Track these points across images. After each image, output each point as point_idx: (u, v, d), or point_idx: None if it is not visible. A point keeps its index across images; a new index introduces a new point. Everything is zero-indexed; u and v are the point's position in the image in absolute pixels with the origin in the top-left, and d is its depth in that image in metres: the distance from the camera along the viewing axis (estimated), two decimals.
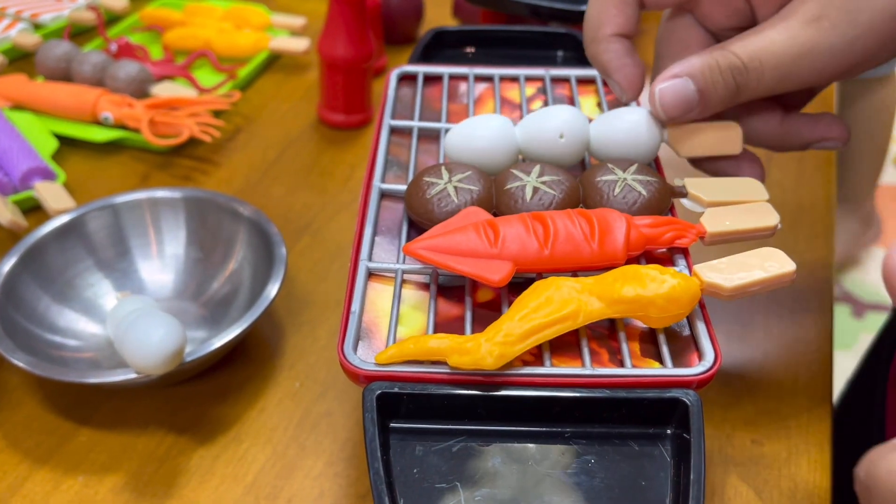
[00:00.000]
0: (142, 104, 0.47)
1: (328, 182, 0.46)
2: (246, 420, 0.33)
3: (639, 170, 0.28)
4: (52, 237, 0.35)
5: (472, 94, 0.35)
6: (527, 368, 0.23)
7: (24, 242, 0.34)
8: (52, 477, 0.31)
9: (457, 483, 0.22)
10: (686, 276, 0.24)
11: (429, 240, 0.26)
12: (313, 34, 0.58)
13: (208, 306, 0.35)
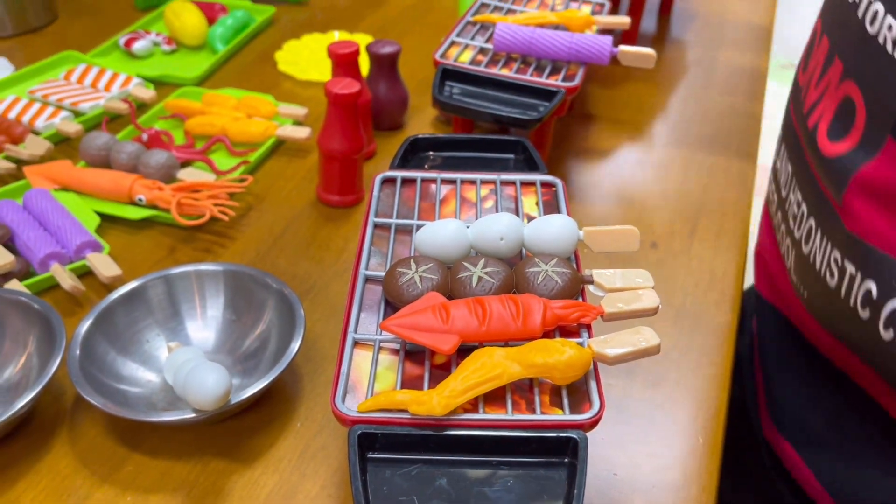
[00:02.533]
0: (170, 188, 0.57)
1: (325, 253, 0.56)
2: (259, 452, 0.42)
3: (558, 263, 0.38)
4: (120, 302, 0.44)
5: (439, 195, 0.45)
6: (466, 415, 0.32)
7: (97, 307, 0.44)
8: (108, 495, 0.40)
9: (414, 497, 0.31)
10: (581, 348, 0.33)
11: (398, 318, 0.35)
12: (313, 121, 0.68)
13: (241, 359, 0.45)
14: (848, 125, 0.38)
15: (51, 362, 0.42)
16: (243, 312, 0.46)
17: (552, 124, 0.60)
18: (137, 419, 0.40)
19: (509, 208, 0.44)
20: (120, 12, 0.88)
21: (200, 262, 0.48)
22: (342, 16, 0.89)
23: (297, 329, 0.43)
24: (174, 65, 0.77)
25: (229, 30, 0.80)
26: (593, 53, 0.57)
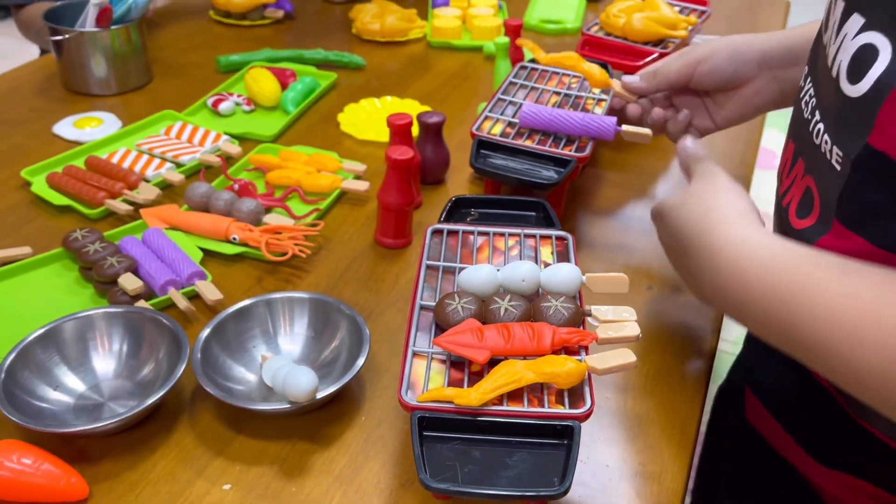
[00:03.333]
0: (258, 230, 0.71)
1: (381, 286, 0.69)
2: (333, 438, 0.55)
3: (565, 300, 0.51)
4: (231, 317, 0.58)
5: (476, 244, 0.58)
6: (494, 406, 0.45)
7: (214, 320, 0.57)
8: (221, 465, 0.53)
9: (456, 463, 0.44)
10: (579, 363, 0.46)
11: (446, 337, 0.48)
12: (371, 176, 0.82)
13: (319, 367, 0.58)
14: (809, 208, 0.50)
15: (179, 364, 0.55)
16: (322, 331, 0.60)
17: (567, 186, 0.73)
18: (246, 407, 0.53)
19: (530, 256, 0.57)
20: (205, 74, 1.04)
21: (287, 291, 0.62)
22: (393, 82, 1.03)
23: (363, 346, 0.56)
24: (253, 123, 0.92)
25: (299, 94, 0.95)
26: (600, 131, 0.71)
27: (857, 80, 0.44)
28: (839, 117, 0.46)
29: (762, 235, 0.47)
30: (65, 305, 0.65)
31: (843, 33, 0.46)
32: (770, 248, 0.46)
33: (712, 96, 0.73)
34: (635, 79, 0.74)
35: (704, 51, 0.70)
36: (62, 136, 0.89)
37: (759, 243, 0.46)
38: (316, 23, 1.22)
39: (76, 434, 0.53)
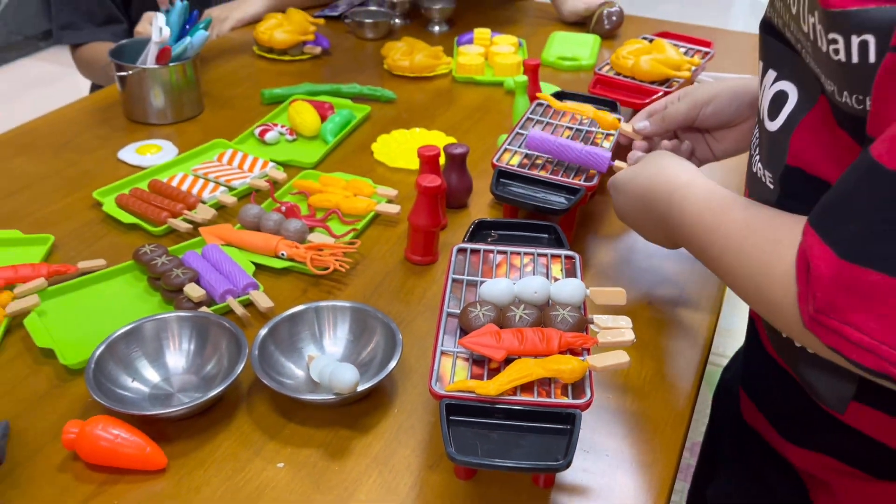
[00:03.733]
0: (303, 247, 0.80)
1: (411, 297, 0.78)
2: (370, 427, 0.64)
3: (571, 310, 0.60)
4: (285, 320, 0.67)
5: (495, 261, 0.67)
6: (509, 396, 0.54)
7: (269, 323, 0.67)
8: (274, 448, 0.62)
9: (477, 443, 0.52)
10: (581, 362, 0.55)
11: (469, 338, 0.57)
12: (402, 200, 0.92)
13: (357, 366, 0.67)
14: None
15: (239, 361, 0.64)
16: (360, 335, 0.69)
17: (577, 211, 0.82)
18: (296, 397, 0.62)
19: (542, 272, 0.66)
20: (250, 106, 1.15)
21: (329, 300, 0.71)
22: (421, 115, 1.13)
23: (396, 349, 0.65)
24: (296, 151, 1.02)
25: (336, 125, 1.05)
26: (596, 162, 0.80)
27: (774, 118, 0.55)
28: (766, 147, 0.57)
29: (702, 179, 0.62)
30: (136, 311, 0.74)
31: (764, 84, 0.58)
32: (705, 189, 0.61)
33: (713, 133, 0.82)
34: (646, 123, 0.81)
35: (707, 94, 0.79)
36: (126, 161, 0.99)
37: (702, 185, 0.62)
38: (350, 59, 1.32)
39: (154, 417, 0.62)
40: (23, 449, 0.62)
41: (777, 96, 0.56)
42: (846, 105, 0.47)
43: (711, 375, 0.80)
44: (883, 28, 0.43)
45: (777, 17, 0.56)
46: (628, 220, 0.73)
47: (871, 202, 0.42)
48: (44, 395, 0.66)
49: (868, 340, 0.42)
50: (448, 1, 1.44)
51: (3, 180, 0.96)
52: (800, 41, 0.52)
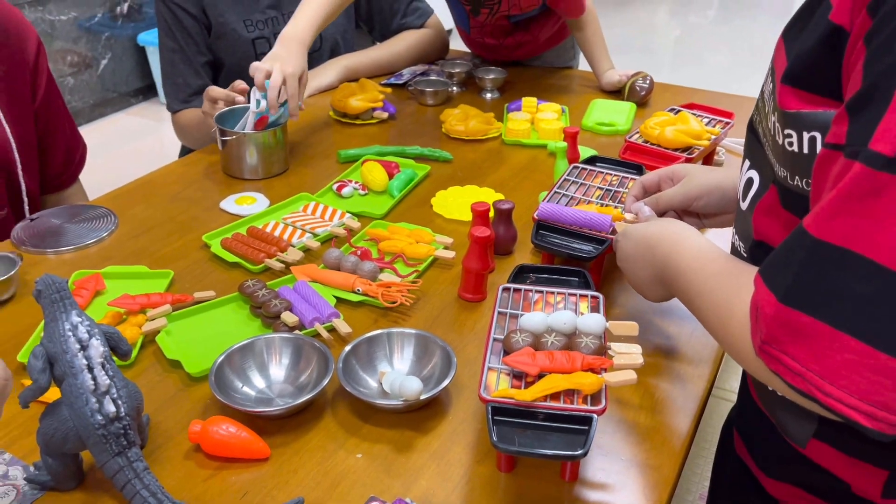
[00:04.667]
0: (375, 284, 0.97)
1: (462, 328, 0.94)
2: (430, 428, 0.79)
3: (593, 338, 0.75)
4: (364, 341, 0.84)
5: (533, 299, 0.83)
6: (540, 402, 0.69)
7: (352, 343, 0.83)
8: (354, 442, 0.78)
9: (515, 437, 0.68)
10: (599, 378, 0.70)
11: (511, 357, 0.73)
12: (456, 247, 1.08)
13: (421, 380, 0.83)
14: None
15: (326, 374, 0.81)
16: (422, 356, 0.85)
17: (604, 259, 0.98)
18: (372, 402, 0.78)
19: (571, 308, 0.82)
20: (328, 164, 1.34)
21: (397, 328, 0.87)
22: (474, 173, 1.30)
23: (451, 367, 0.81)
24: (367, 204, 1.20)
25: (402, 182, 1.23)
26: (599, 226, 0.95)
27: (744, 199, 0.70)
28: (739, 224, 0.72)
29: (701, 237, 0.73)
30: (240, 333, 0.92)
31: (742, 170, 0.72)
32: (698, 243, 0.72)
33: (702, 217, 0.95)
34: (645, 210, 0.93)
35: (699, 189, 0.91)
36: (227, 210, 1.19)
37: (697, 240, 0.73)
38: (413, 123, 1.51)
39: (260, 415, 0.79)
40: (158, 437, 0.79)
41: (747, 182, 0.70)
42: (797, 188, 0.62)
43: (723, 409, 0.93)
44: (826, 127, 0.58)
45: (756, 115, 0.71)
46: (627, 264, 0.85)
47: (801, 260, 0.55)
48: (173, 397, 0.84)
49: (799, 367, 0.54)
50: (500, 72, 1.63)
51: (130, 224, 1.16)
52: (765, 135, 0.67)
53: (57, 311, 0.68)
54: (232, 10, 1.54)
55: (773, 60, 0.66)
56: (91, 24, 2.99)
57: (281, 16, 1.59)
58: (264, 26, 1.57)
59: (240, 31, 1.55)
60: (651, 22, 4.83)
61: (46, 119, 1.28)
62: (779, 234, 0.64)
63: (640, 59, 3.99)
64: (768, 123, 0.65)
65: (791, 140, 0.61)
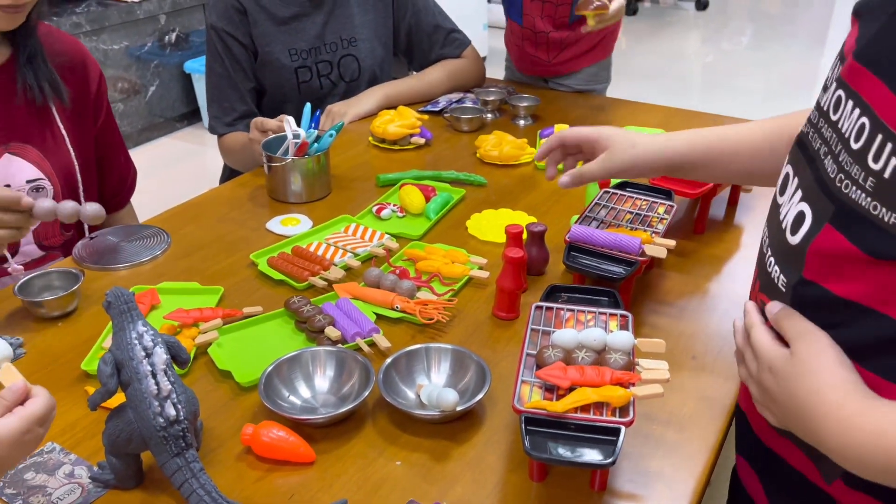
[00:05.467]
0: (413, 302, 1.02)
1: (496, 344, 0.98)
2: (465, 438, 0.83)
3: (622, 354, 0.79)
4: (404, 355, 0.89)
5: (565, 317, 0.87)
6: (571, 413, 0.73)
7: (392, 356, 0.88)
8: (393, 450, 0.82)
9: (548, 443, 0.72)
10: (627, 391, 0.74)
11: (543, 371, 0.77)
12: (490, 267, 1.13)
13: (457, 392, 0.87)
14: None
15: (368, 385, 0.86)
16: (458, 370, 0.90)
17: (633, 280, 1.01)
18: (411, 413, 0.83)
19: (601, 326, 0.86)
20: (367, 188, 1.40)
21: (434, 342, 0.92)
22: (507, 196, 1.35)
23: (486, 381, 0.85)
24: (405, 226, 1.26)
25: (438, 205, 1.29)
26: (628, 247, 0.99)
27: (794, 234, 0.66)
28: (783, 256, 0.68)
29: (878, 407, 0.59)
30: (286, 346, 0.97)
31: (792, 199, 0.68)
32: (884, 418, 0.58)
33: None
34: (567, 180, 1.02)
35: (621, 166, 0.97)
36: (273, 230, 1.25)
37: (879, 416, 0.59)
38: (448, 148, 1.57)
39: (307, 422, 0.84)
40: (211, 441, 0.84)
41: (798, 216, 0.65)
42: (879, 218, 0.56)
43: None
44: None
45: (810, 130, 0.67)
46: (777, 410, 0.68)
47: None
48: (225, 404, 0.89)
49: None
50: (533, 99, 1.68)
51: (182, 243, 1.23)
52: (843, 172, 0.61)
53: (125, 321, 0.74)
54: (278, 40, 1.62)
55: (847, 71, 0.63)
56: (141, 53, 3.12)
57: (323, 45, 1.66)
58: (307, 56, 1.65)
59: (284, 61, 1.63)
60: (683, 49, 4.87)
61: (104, 144, 1.36)
62: (839, 277, 0.61)
63: (672, 86, 4.03)
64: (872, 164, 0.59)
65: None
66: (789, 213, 0.68)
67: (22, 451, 0.66)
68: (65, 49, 1.25)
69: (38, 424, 0.67)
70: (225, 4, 1.59)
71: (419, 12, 1.77)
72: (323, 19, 1.66)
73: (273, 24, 1.62)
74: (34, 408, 0.66)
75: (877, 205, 0.58)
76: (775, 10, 6.03)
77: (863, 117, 0.60)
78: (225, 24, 1.59)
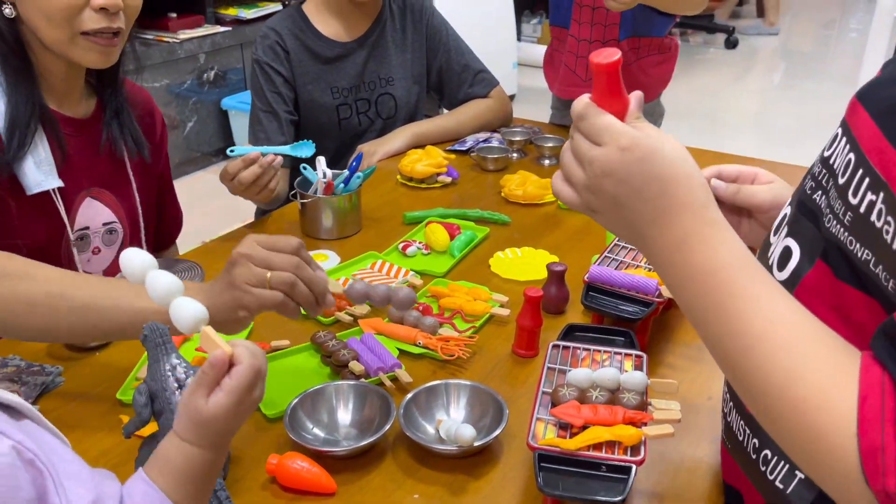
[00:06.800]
0: (435, 338, 1.05)
1: (515, 381, 1.01)
2: (483, 473, 0.86)
3: (635, 394, 0.81)
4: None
5: (581, 356, 0.90)
6: (584, 451, 0.75)
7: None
8: (412, 482, 0.85)
9: (560, 481, 0.74)
10: (639, 431, 0.76)
11: (557, 409, 0.79)
12: (512, 304, 1.15)
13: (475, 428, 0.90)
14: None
15: (389, 419, 0.88)
16: (475, 405, 0.92)
17: (650, 321, 1.03)
18: (430, 447, 0.85)
19: (616, 366, 0.88)
20: (394, 225, 1.44)
21: (454, 379, 0.95)
22: (531, 235, 1.38)
23: (503, 418, 0.88)
24: (430, 263, 1.29)
25: (462, 243, 1.32)
26: (644, 289, 1.01)
27: (781, 270, 0.65)
28: None
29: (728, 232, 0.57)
30: (312, 379, 1.01)
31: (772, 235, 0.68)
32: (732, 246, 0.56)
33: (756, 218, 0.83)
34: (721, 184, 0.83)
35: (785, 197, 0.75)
36: None
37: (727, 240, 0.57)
38: (474, 187, 1.61)
39: (329, 454, 0.87)
40: (237, 471, 0.87)
41: (784, 252, 0.65)
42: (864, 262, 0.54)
43: None
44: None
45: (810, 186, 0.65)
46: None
47: None
48: (251, 435, 0.93)
49: None
50: (557, 140, 1.72)
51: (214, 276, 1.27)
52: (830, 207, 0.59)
53: (159, 354, 0.79)
54: (321, 78, 1.70)
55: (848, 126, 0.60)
56: (180, 90, 3.24)
57: (363, 84, 1.74)
58: (348, 94, 1.73)
59: (325, 98, 1.70)
60: (714, 87, 4.89)
61: (161, 188, 1.42)
62: (827, 311, 0.58)
63: (702, 124, 4.04)
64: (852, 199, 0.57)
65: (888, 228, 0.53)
66: (775, 251, 0.67)
67: (241, 420, 0.64)
68: (138, 101, 1.32)
69: (248, 392, 0.63)
70: (270, 41, 1.68)
71: (450, 52, 1.84)
72: (363, 59, 1.74)
73: (317, 64, 1.70)
74: (240, 379, 0.62)
75: (853, 239, 0.56)
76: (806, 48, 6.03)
77: (850, 153, 0.59)
78: (269, 59, 1.67)
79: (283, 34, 1.68)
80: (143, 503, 0.59)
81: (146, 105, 1.35)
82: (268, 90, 1.67)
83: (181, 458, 0.62)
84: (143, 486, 0.61)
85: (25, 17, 1.08)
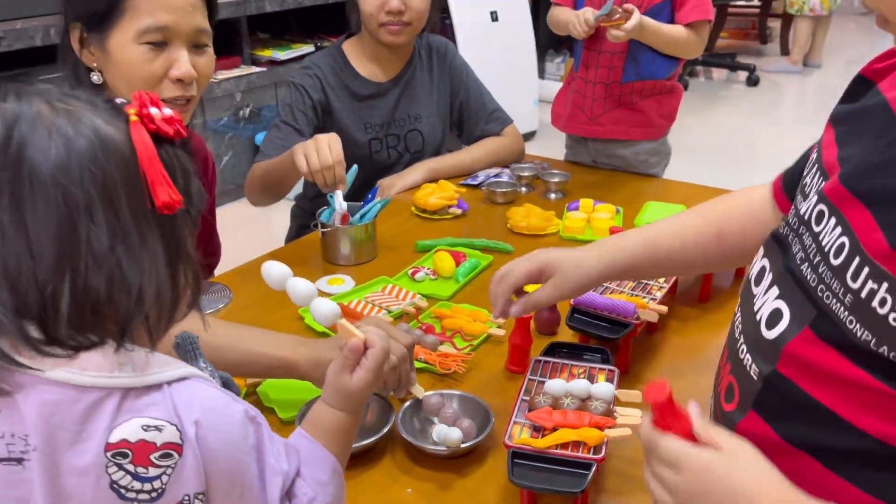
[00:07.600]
0: (435, 354, 1.17)
1: (506, 394, 1.12)
2: (471, 471, 0.96)
3: (602, 402, 0.91)
4: (419, 400, 1.03)
5: (560, 370, 1.00)
6: (552, 449, 0.86)
7: (409, 401, 1.03)
8: (407, 479, 0.96)
9: (531, 474, 0.84)
10: (601, 432, 0.86)
11: (533, 413, 0.90)
12: (508, 325, 1.27)
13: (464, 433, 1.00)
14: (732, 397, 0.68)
15: (388, 422, 1.00)
16: (466, 412, 1.03)
17: (630, 341, 1.14)
18: (422, 447, 0.97)
19: (591, 378, 0.98)
20: (405, 252, 1.57)
21: (449, 390, 1.06)
22: None
23: (490, 423, 0.99)
24: (436, 287, 1.41)
25: (467, 269, 1.44)
26: (623, 311, 1.12)
27: (770, 329, 0.66)
28: (756, 346, 0.68)
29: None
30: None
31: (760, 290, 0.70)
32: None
33: None
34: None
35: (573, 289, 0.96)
36: (320, 289, 1.42)
37: None
38: (483, 218, 1.73)
39: None
40: None
41: (774, 313, 0.66)
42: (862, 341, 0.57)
43: None
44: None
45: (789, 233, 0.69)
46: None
47: None
48: None
49: None
50: (563, 175, 1.84)
51: (242, 298, 1.41)
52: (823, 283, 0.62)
53: (189, 359, 0.92)
54: (356, 114, 1.85)
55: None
56: (217, 126, 3.44)
57: (393, 121, 1.89)
58: (380, 129, 1.88)
59: (359, 133, 1.85)
60: (731, 124, 4.96)
61: (206, 223, 1.57)
62: (815, 378, 0.62)
63: (718, 161, 4.12)
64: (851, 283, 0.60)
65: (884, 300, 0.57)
66: (764, 308, 0.69)
67: (374, 388, 0.80)
68: (196, 148, 1.46)
69: (381, 367, 0.78)
70: (311, 73, 1.82)
71: (469, 91, 1.99)
72: (396, 98, 1.89)
73: (353, 101, 1.85)
74: (375, 359, 0.76)
75: (853, 319, 0.60)
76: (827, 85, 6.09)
77: (843, 237, 0.62)
78: (307, 84, 1.79)
79: (324, 70, 1.83)
80: (305, 451, 0.74)
81: (200, 150, 1.49)
82: (296, 108, 1.78)
83: (332, 420, 0.76)
84: (304, 441, 0.75)
85: (111, 84, 1.19)
